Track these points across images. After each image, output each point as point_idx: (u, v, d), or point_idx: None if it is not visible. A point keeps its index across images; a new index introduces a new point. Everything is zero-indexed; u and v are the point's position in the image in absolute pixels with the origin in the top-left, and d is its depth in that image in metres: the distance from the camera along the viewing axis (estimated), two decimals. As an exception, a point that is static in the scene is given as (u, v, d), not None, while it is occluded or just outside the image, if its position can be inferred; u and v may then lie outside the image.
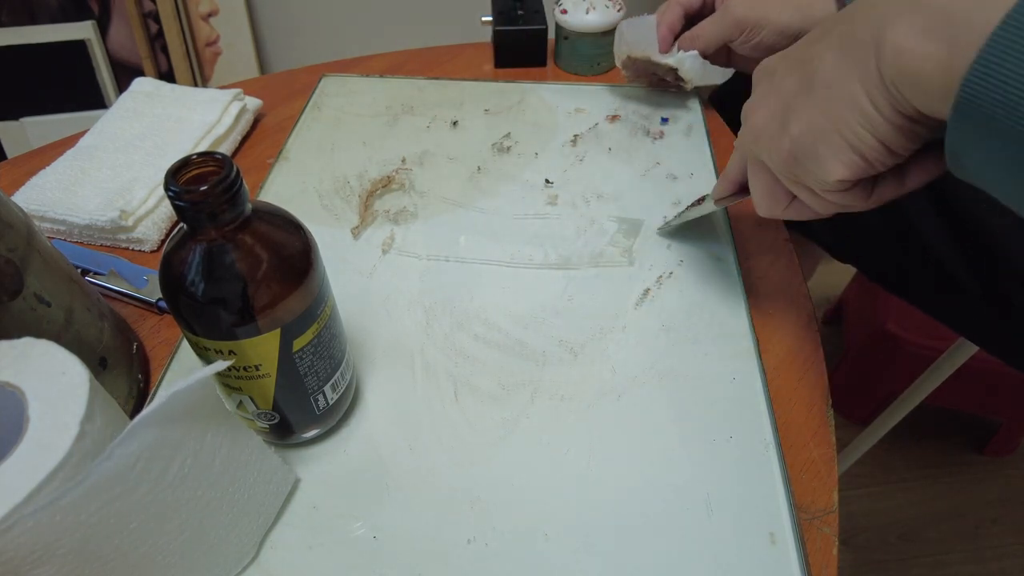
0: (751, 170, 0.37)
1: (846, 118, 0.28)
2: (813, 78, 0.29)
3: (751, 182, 0.37)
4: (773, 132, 0.32)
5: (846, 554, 1.08)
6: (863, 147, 0.28)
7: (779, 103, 0.32)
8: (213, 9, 1.37)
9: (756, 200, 0.37)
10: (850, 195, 0.31)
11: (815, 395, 0.41)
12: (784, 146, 0.31)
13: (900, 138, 0.27)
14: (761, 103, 0.34)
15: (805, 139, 0.30)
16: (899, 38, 0.25)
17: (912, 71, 0.24)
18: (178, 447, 0.27)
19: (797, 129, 0.30)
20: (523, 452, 0.38)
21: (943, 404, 1.12)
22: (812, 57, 0.30)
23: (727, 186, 0.42)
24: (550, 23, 0.67)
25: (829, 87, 0.28)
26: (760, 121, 0.33)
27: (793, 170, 0.32)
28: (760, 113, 0.33)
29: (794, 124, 0.30)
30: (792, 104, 0.31)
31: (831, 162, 0.29)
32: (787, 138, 0.31)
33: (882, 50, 0.25)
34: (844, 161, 0.29)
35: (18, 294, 0.32)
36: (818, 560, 0.34)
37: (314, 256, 0.31)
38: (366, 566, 0.33)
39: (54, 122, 1.36)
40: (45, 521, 0.23)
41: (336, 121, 0.62)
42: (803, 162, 0.31)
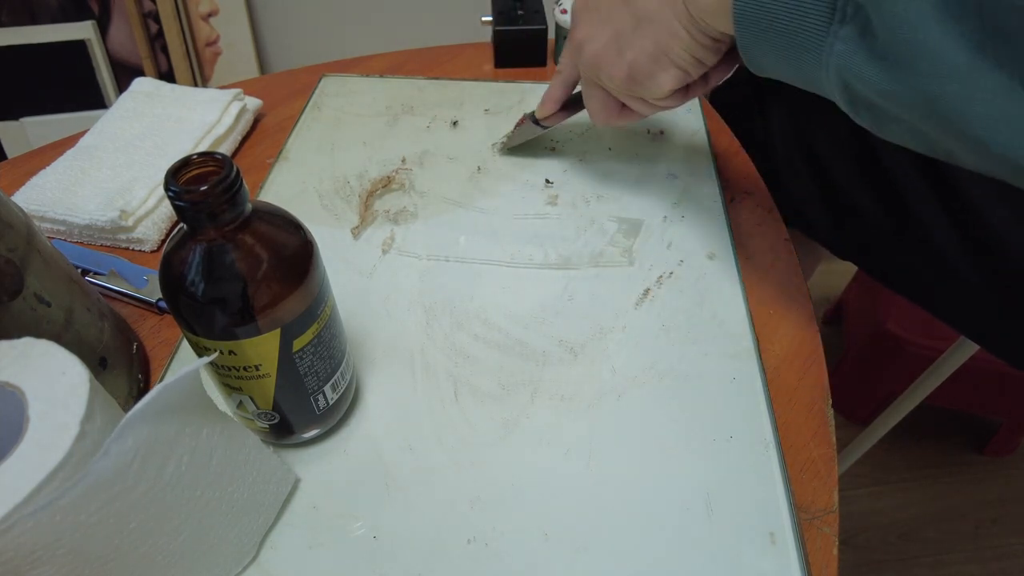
0: (587, 90, 0.46)
1: (670, 44, 0.38)
2: (639, 15, 0.39)
3: (587, 99, 0.46)
4: (610, 59, 0.41)
5: (846, 554, 1.08)
6: (685, 64, 0.38)
7: (611, 35, 0.41)
8: (213, 9, 1.37)
9: (592, 113, 0.47)
10: (672, 99, 0.41)
11: (815, 395, 0.41)
12: (622, 69, 0.41)
13: (709, 53, 0.38)
14: (593, 35, 0.42)
15: (640, 62, 0.40)
16: None
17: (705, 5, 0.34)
18: (173, 444, 0.27)
19: (632, 55, 0.40)
20: (523, 452, 0.38)
21: (943, 404, 1.12)
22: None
23: (551, 105, 0.51)
24: (550, 23, 0.67)
25: (652, 22, 0.38)
26: (596, 50, 0.42)
27: (630, 87, 0.41)
28: (595, 44, 0.42)
29: (628, 52, 0.40)
30: (624, 36, 0.40)
31: (663, 78, 0.39)
32: (624, 63, 0.40)
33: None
34: (672, 76, 0.39)
35: (18, 294, 0.32)
36: (818, 560, 0.34)
37: (314, 256, 0.31)
38: (366, 566, 0.33)
39: (54, 122, 1.36)
40: (45, 521, 0.23)
41: (336, 121, 0.62)
42: (639, 80, 0.40)
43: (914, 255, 0.52)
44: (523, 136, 0.55)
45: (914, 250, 0.52)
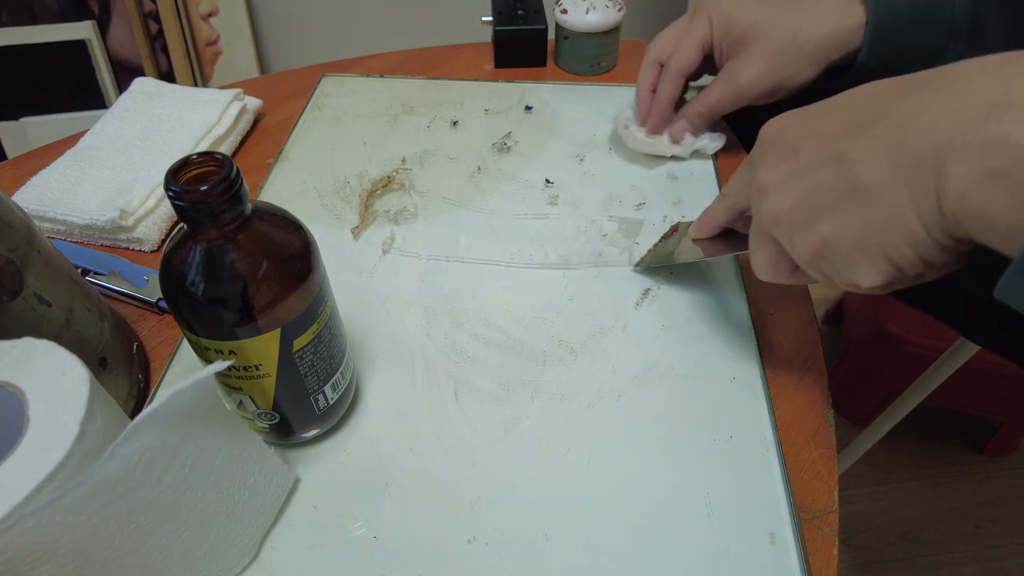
0: (758, 239, 0.35)
1: (891, 235, 0.27)
2: (854, 183, 0.28)
3: (756, 248, 0.36)
4: (799, 223, 0.31)
5: (846, 554, 1.08)
6: (903, 262, 0.28)
7: (808, 195, 0.30)
8: (213, 9, 1.37)
9: (758, 267, 0.36)
10: (870, 290, 0.31)
11: (815, 395, 0.41)
12: (812, 243, 0.30)
13: (943, 255, 0.27)
14: (783, 184, 0.32)
15: (839, 244, 0.29)
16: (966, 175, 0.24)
17: (979, 212, 0.24)
18: (179, 447, 0.27)
19: (830, 231, 0.29)
20: (523, 452, 0.38)
21: (943, 404, 1.12)
22: (851, 156, 0.29)
23: (709, 229, 0.42)
24: (550, 23, 0.67)
25: (874, 199, 0.27)
26: (783, 206, 0.32)
27: (817, 264, 0.31)
28: (783, 197, 0.32)
29: (827, 225, 0.30)
30: (826, 202, 0.30)
31: (867, 271, 0.29)
32: (817, 236, 0.30)
33: (945, 182, 0.24)
34: (880, 272, 0.29)
35: (18, 294, 0.32)
36: (818, 560, 0.34)
37: (314, 256, 0.31)
38: (366, 566, 0.33)
39: (54, 122, 1.36)
40: (45, 521, 0.23)
41: (336, 121, 0.62)
42: (831, 262, 0.30)
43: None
44: (667, 256, 0.46)
45: None
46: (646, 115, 0.55)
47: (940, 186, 0.25)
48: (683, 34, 0.52)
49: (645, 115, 0.55)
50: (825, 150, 0.30)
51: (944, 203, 0.25)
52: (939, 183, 0.25)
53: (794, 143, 0.32)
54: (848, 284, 0.31)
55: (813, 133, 0.31)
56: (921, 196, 0.26)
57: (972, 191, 0.23)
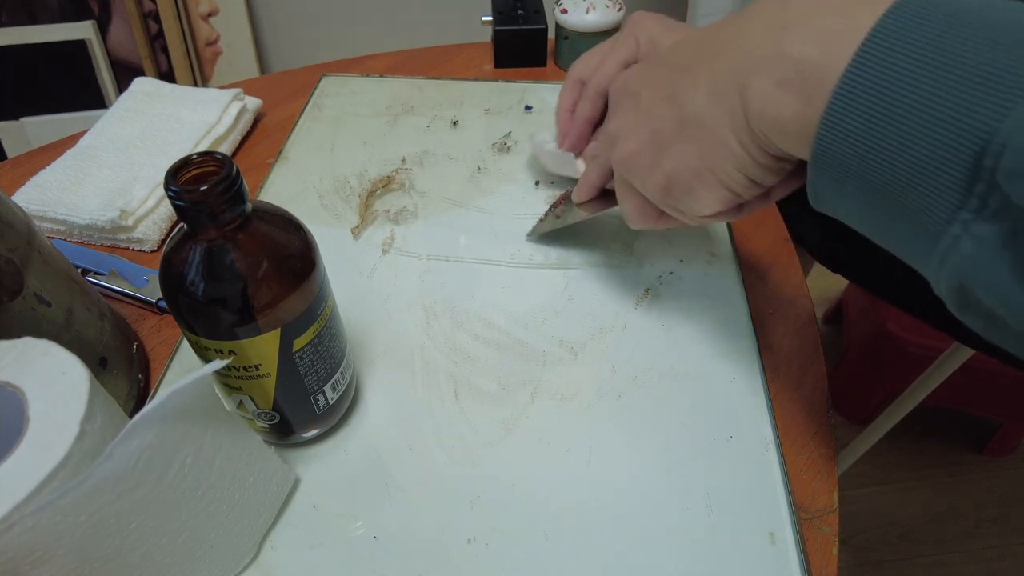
0: (621, 189, 0.37)
1: (719, 160, 0.29)
2: (684, 115, 0.30)
3: (621, 199, 0.38)
4: (645, 163, 0.33)
5: (846, 554, 1.08)
6: (735, 184, 0.30)
7: (650, 135, 0.33)
8: (213, 9, 1.37)
9: (626, 216, 0.38)
10: (720, 216, 0.33)
11: (815, 395, 0.41)
12: (658, 180, 0.33)
13: (767, 174, 0.29)
14: (630, 130, 0.34)
15: (679, 175, 0.31)
16: (761, 89, 0.26)
17: (774, 121, 0.26)
18: (178, 446, 0.27)
19: (670, 165, 0.31)
20: (523, 452, 0.38)
21: (943, 404, 1.12)
22: (681, 91, 0.31)
23: (588, 191, 0.43)
24: (550, 23, 0.67)
25: (700, 128, 0.29)
26: (630, 149, 0.34)
27: (666, 200, 0.33)
28: (630, 142, 0.34)
29: (667, 160, 0.32)
30: (664, 139, 0.32)
31: (705, 198, 0.31)
32: (660, 172, 0.32)
33: (746, 98, 0.27)
34: (717, 197, 0.31)
35: (18, 294, 0.32)
36: (818, 560, 0.34)
37: (314, 256, 0.31)
38: (366, 566, 0.33)
39: (54, 122, 1.36)
40: (45, 521, 0.23)
41: (336, 121, 0.62)
42: (677, 195, 0.32)
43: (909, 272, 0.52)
44: (566, 220, 0.47)
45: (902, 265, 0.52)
46: (565, 135, 0.51)
47: (744, 104, 0.27)
48: (607, 54, 0.49)
49: (564, 135, 0.51)
50: (660, 92, 0.32)
51: (750, 119, 0.27)
52: (744, 102, 0.27)
53: (636, 90, 0.34)
54: (696, 215, 0.33)
55: (651, 79, 0.33)
56: (734, 118, 0.28)
57: (766, 103, 0.26)
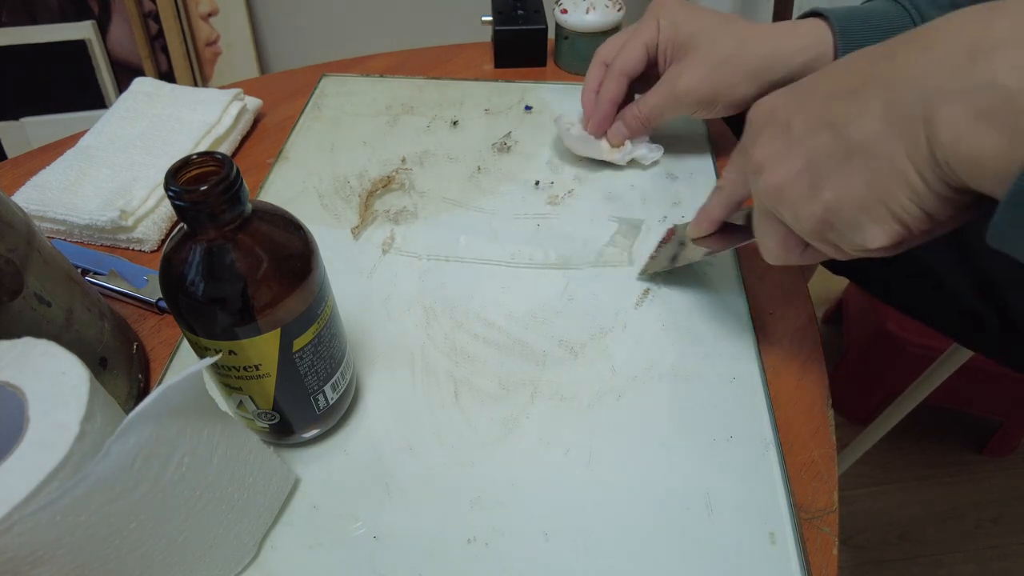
0: (762, 221, 0.35)
1: (892, 190, 0.27)
2: (850, 145, 0.28)
3: (762, 232, 0.36)
4: (800, 194, 0.31)
5: (846, 554, 1.08)
6: (907, 218, 0.28)
7: (806, 164, 0.31)
8: (213, 9, 1.37)
9: (767, 250, 0.36)
10: (879, 252, 0.30)
11: (815, 395, 0.41)
12: (815, 211, 0.30)
13: (944, 208, 0.27)
14: (779, 159, 0.32)
15: (843, 207, 0.29)
16: (955, 120, 0.24)
17: (969, 155, 0.24)
18: (175, 444, 0.27)
19: (832, 196, 0.30)
20: (523, 452, 0.38)
21: (943, 404, 1.12)
22: (845, 120, 0.29)
23: (708, 225, 0.41)
24: (550, 23, 0.67)
25: (871, 157, 0.28)
26: (781, 180, 0.32)
27: (823, 233, 0.31)
28: (779, 172, 0.32)
29: (828, 191, 0.30)
30: (824, 169, 0.30)
31: (873, 231, 0.29)
32: (819, 204, 0.30)
33: (934, 129, 0.25)
34: (887, 231, 0.29)
35: (18, 294, 0.32)
36: (818, 560, 0.34)
37: (314, 256, 0.31)
38: (366, 566, 0.33)
39: (54, 122, 1.36)
40: (45, 521, 0.23)
41: (336, 121, 0.62)
42: (838, 228, 0.30)
43: (910, 276, 0.52)
44: (670, 260, 0.45)
45: (910, 271, 0.52)
46: (589, 116, 0.54)
47: (931, 135, 0.25)
48: (630, 36, 0.52)
49: (588, 116, 0.54)
50: (817, 119, 0.30)
51: (937, 151, 0.25)
52: (930, 132, 0.25)
53: (785, 119, 0.32)
54: (857, 249, 0.31)
55: (802, 106, 0.32)
56: (915, 147, 0.26)
57: (962, 135, 0.24)
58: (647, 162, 0.55)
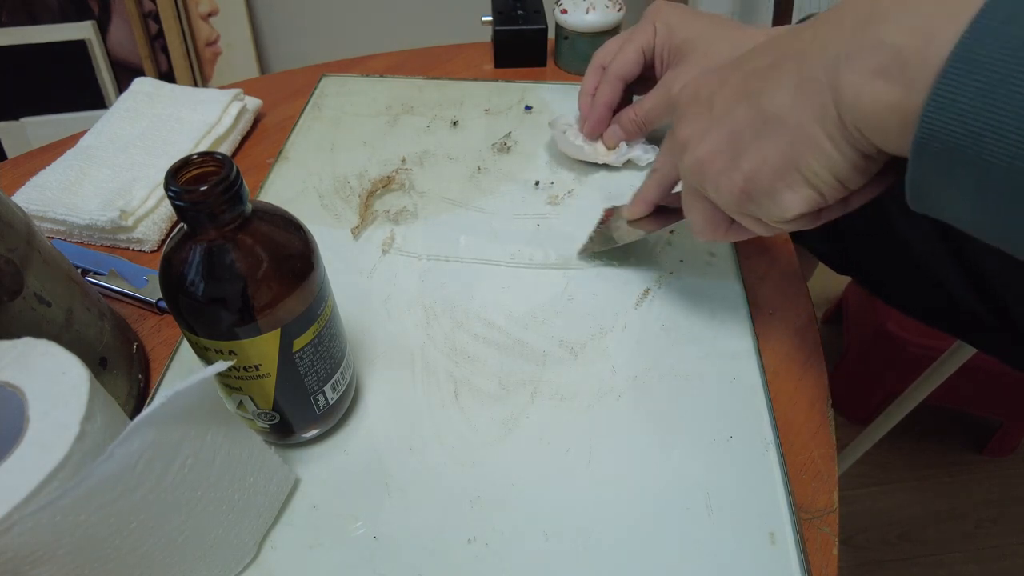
0: (689, 199, 0.36)
1: (805, 157, 0.28)
2: (766, 114, 0.29)
3: (688, 209, 0.37)
4: (721, 167, 0.32)
5: (846, 554, 1.08)
6: (821, 184, 0.29)
7: (726, 137, 0.31)
8: (213, 9, 1.37)
9: (695, 227, 0.37)
10: (798, 222, 0.31)
11: (815, 395, 0.41)
12: (736, 182, 0.31)
13: (855, 174, 0.28)
14: (703, 135, 0.33)
15: (760, 176, 0.30)
16: (855, 80, 0.25)
17: (872, 113, 0.25)
18: (179, 447, 0.27)
19: (750, 166, 0.30)
20: (523, 452, 0.38)
21: (943, 404, 1.12)
22: (760, 91, 0.30)
23: (643, 207, 0.42)
24: (550, 23, 0.67)
25: (784, 125, 0.29)
26: (704, 154, 0.33)
27: (743, 205, 0.32)
28: (702, 147, 0.33)
29: (746, 161, 0.30)
30: (743, 140, 0.31)
31: (789, 199, 0.30)
32: (739, 174, 0.31)
33: (839, 93, 0.26)
34: (803, 197, 0.29)
35: (18, 294, 0.32)
36: (818, 560, 0.34)
37: (314, 256, 0.31)
38: (366, 566, 0.33)
39: (54, 122, 1.36)
40: (45, 521, 0.23)
41: (336, 121, 0.62)
42: (757, 198, 0.31)
43: (908, 274, 0.52)
44: (607, 240, 0.46)
45: (907, 268, 0.52)
46: (585, 119, 0.54)
47: (837, 98, 0.26)
48: (626, 40, 0.52)
49: (584, 119, 0.54)
50: (737, 93, 0.31)
51: (843, 113, 0.26)
52: (835, 96, 0.26)
53: (708, 96, 0.33)
54: (777, 219, 0.31)
55: (724, 83, 0.32)
56: (823, 112, 0.27)
57: (862, 94, 0.25)
58: (643, 164, 0.55)
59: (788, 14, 1.23)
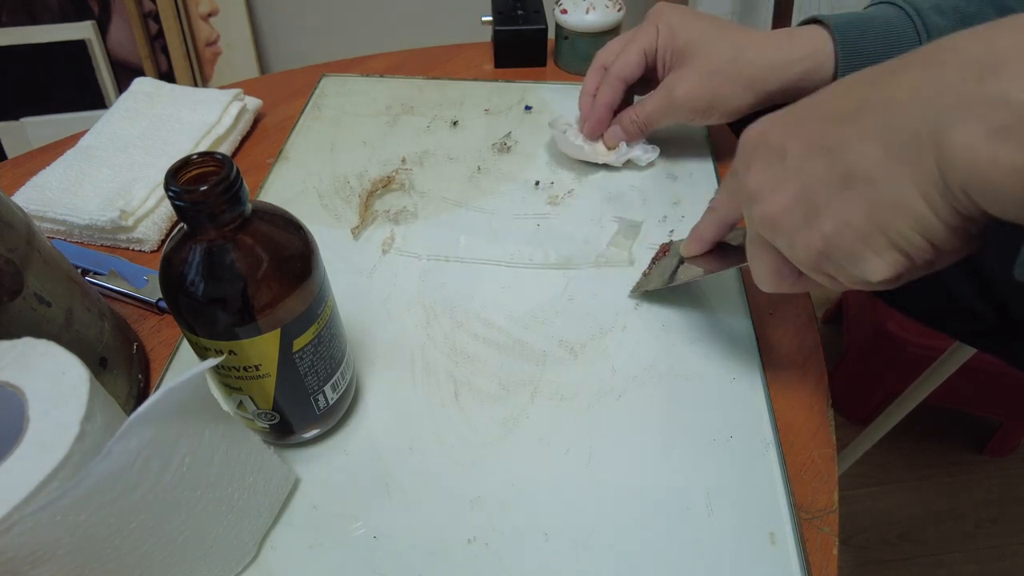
0: (755, 248, 0.34)
1: (894, 220, 0.26)
2: (850, 171, 0.27)
3: (755, 259, 0.34)
4: (796, 225, 0.29)
5: (846, 554, 1.08)
6: (910, 248, 0.26)
7: (803, 192, 0.29)
8: (213, 9, 1.37)
9: (758, 277, 0.35)
10: (881, 285, 0.29)
11: (815, 395, 0.41)
12: (813, 243, 0.29)
13: (952, 237, 0.25)
14: (775, 186, 0.30)
15: (842, 238, 0.28)
16: (969, 141, 0.22)
17: (989, 178, 0.22)
18: (176, 445, 0.27)
19: (831, 227, 0.28)
20: (523, 452, 0.38)
21: (943, 404, 1.12)
22: (844, 145, 0.27)
23: (700, 246, 0.41)
24: (550, 23, 0.67)
25: (872, 185, 0.26)
26: (776, 209, 0.30)
27: (821, 265, 0.30)
28: (774, 201, 0.30)
29: (827, 221, 0.28)
30: (822, 198, 0.28)
31: (874, 263, 0.27)
32: (817, 234, 0.29)
33: (945, 152, 0.23)
34: (889, 263, 0.27)
35: (18, 294, 0.32)
36: (818, 560, 0.34)
37: (314, 256, 0.31)
38: (366, 566, 0.33)
39: (54, 122, 1.36)
40: (45, 521, 0.23)
41: (336, 121, 0.62)
42: (836, 260, 0.29)
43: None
44: (662, 278, 0.44)
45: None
46: (585, 119, 0.54)
47: (942, 158, 0.23)
48: (628, 41, 0.52)
49: (584, 119, 0.54)
50: (813, 144, 0.29)
51: (949, 175, 0.23)
52: (940, 155, 0.24)
53: (779, 143, 0.30)
54: (857, 282, 0.29)
55: (797, 130, 0.30)
56: (922, 172, 0.24)
57: (978, 155, 0.22)
58: (643, 163, 0.55)
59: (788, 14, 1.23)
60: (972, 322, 0.51)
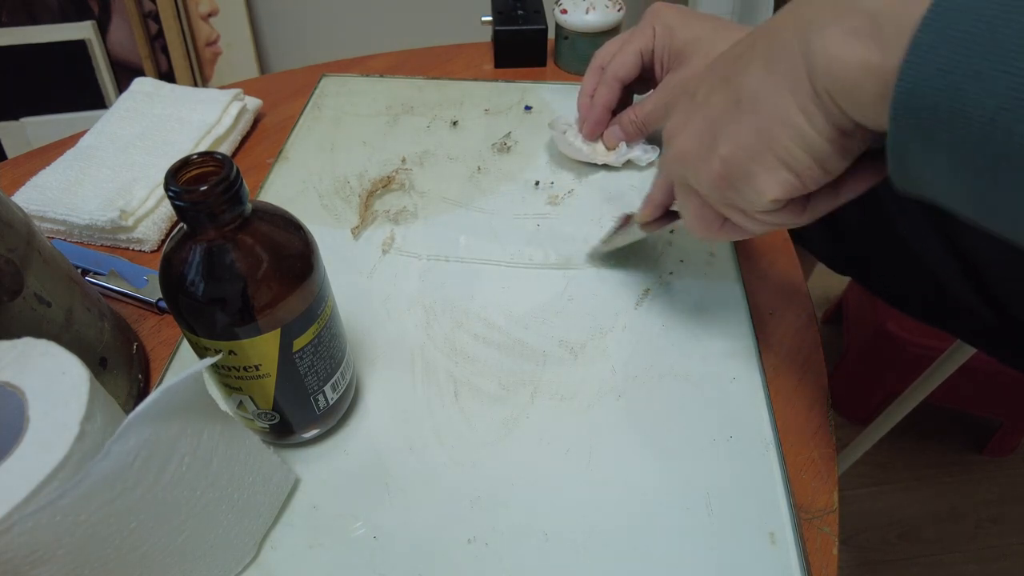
0: (679, 194, 0.35)
1: (778, 135, 0.27)
2: (740, 94, 0.28)
3: (680, 206, 0.36)
4: (701, 154, 0.31)
5: (846, 554, 1.08)
6: (797, 165, 0.27)
7: (705, 123, 0.31)
8: (213, 9, 1.37)
9: (687, 224, 0.36)
10: (783, 214, 0.30)
11: (815, 395, 0.41)
12: (714, 168, 0.30)
13: (834, 155, 0.26)
14: (684, 125, 0.32)
15: (736, 159, 0.29)
16: (829, 45, 0.24)
17: (845, 76, 0.23)
18: (175, 444, 0.27)
19: (726, 149, 0.29)
20: (523, 452, 0.38)
21: (943, 404, 1.12)
22: (736, 72, 0.29)
23: (652, 210, 0.41)
24: (550, 23, 0.67)
25: (757, 102, 0.27)
26: (685, 143, 0.32)
27: (724, 193, 0.31)
28: (685, 135, 0.32)
29: (723, 145, 0.29)
30: (719, 124, 0.30)
31: (764, 182, 0.28)
32: (716, 159, 0.30)
33: (812, 59, 0.25)
34: (777, 180, 0.28)
35: (18, 294, 0.32)
36: (818, 560, 0.34)
37: (314, 256, 0.31)
38: (366, 566, 0.33)
39: (54, 122, 1.36)
40: (45, 521, 0.23)
41: (336, 121, 0.62)
42: (735, 183, 0.30)
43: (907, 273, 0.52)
44: (624, 239, 0.46)
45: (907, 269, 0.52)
46: (584, 120, 0.54)
47: (810, 66, 0.25)
48: (625, 41, 0.52)
49: (583, 120, 0.54)
50: (715, 79, 0.31)
51: (815, 80, 0.25)
52: (807, 63, 0.25)
53: (693, 88, 0.33)
54: (758, 207, 0.30)
55: (706, 73, 0.32)
56: (796, 84, 0.25)
57: (835, 57, 0.24)
58: (643, 163, 0.55)
59: (788, 14, 1.22)
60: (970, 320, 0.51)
